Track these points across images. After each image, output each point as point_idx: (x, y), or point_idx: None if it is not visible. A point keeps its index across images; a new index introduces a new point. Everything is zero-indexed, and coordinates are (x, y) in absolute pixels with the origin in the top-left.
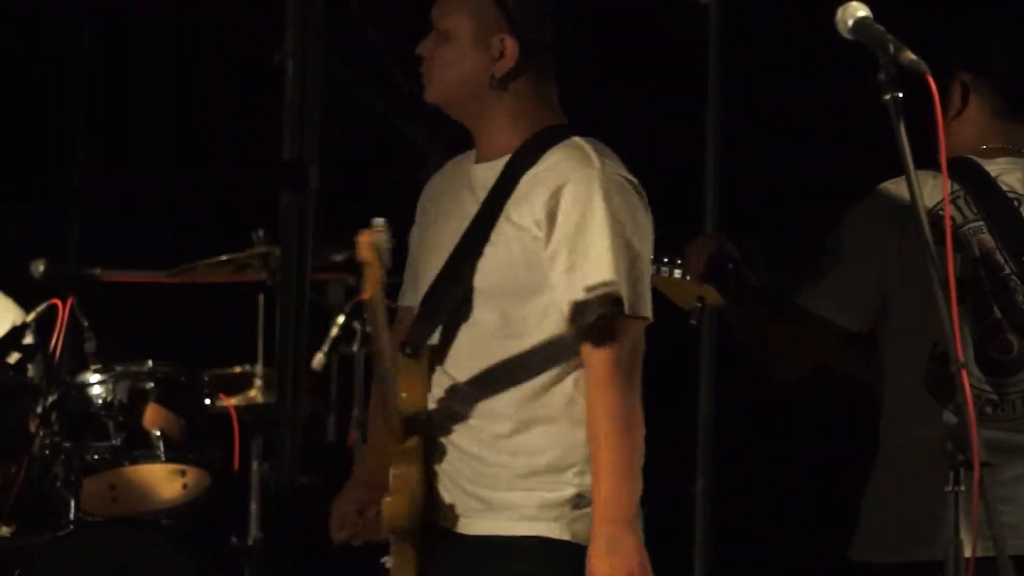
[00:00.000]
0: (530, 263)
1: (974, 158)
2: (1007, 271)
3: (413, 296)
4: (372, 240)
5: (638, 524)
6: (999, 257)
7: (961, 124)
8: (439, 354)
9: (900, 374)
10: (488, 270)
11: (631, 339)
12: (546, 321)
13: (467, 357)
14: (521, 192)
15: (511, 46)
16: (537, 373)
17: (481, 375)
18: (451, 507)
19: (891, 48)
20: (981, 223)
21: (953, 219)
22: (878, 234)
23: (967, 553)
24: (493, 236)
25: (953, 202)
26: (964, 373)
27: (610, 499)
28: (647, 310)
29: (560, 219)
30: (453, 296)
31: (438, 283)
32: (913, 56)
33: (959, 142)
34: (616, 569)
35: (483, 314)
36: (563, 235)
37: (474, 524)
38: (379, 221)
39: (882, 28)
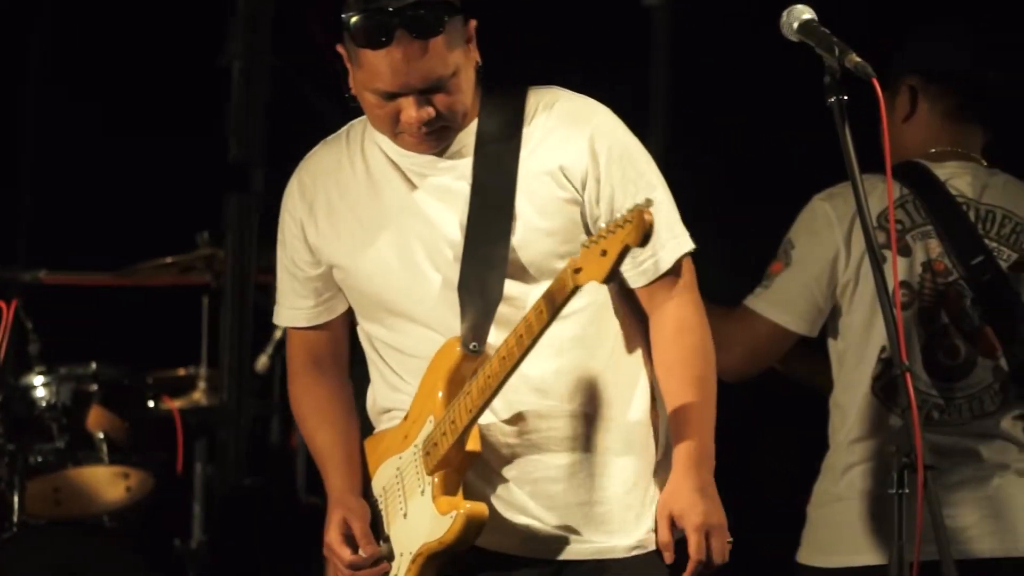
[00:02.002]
0: (574, 223)
1: (923, 162)
2: (955, 276)
3: (327, 309)
4: None
5: None
6: (947, 262)
7: (911, 127)
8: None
9: (849, 379)
10: (529, 242)
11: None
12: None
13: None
14: (534, 150)
15: (472, 27)
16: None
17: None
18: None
19: (836, 51)
20: (930, 227)
21: (902, 223)
22: (826, 239)
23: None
24: (518, 207)
25: (902, 206)
26: (908, 376)
27: (702, 443)
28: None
29: (607, 177)
30: (494, 284)
31: (469, 274)
32: (858, 59)
33: (908, 145)
34: (710, 516)
35: (530, 294)
36: (621, 193)
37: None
38: None
39: (827, 31)
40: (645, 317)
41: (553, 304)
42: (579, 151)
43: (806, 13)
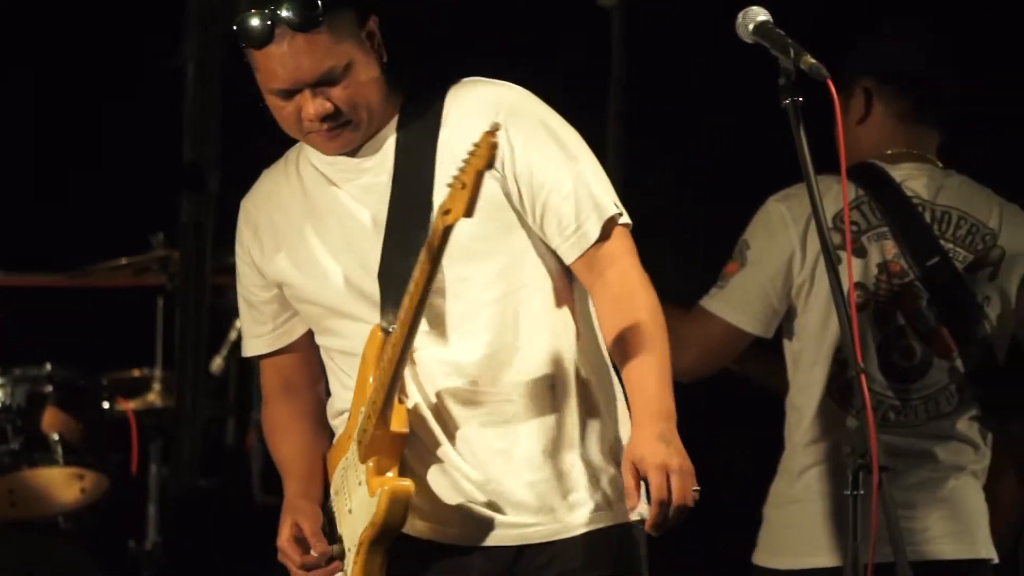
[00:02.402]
0: (495, 204)
1: (879, 163)
2: (911, 277)
3: (285, 332)
4: None
5: None
6: (903, 263)
7: (865, 129)
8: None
9: (804, 380)
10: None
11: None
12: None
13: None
14: (450, 136)
15: (372, 23)
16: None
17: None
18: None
19: (791, 52)
20: (885, 229)
21: (857, 224)
22: (782, 240)
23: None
24: (436, 202)
25: (858, 207)
26: (863, 377)
27: (662, 396)
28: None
29: (523, 154)
30: (411, 266)
31: (388, 259)
32: (813, 60)
33: (864, 147)
34: (671, 457)
35: (448, 278)
36: (540, 169)
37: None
38: None
39: (782, 32)
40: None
41: (431, 252)
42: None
43: (761, 15)
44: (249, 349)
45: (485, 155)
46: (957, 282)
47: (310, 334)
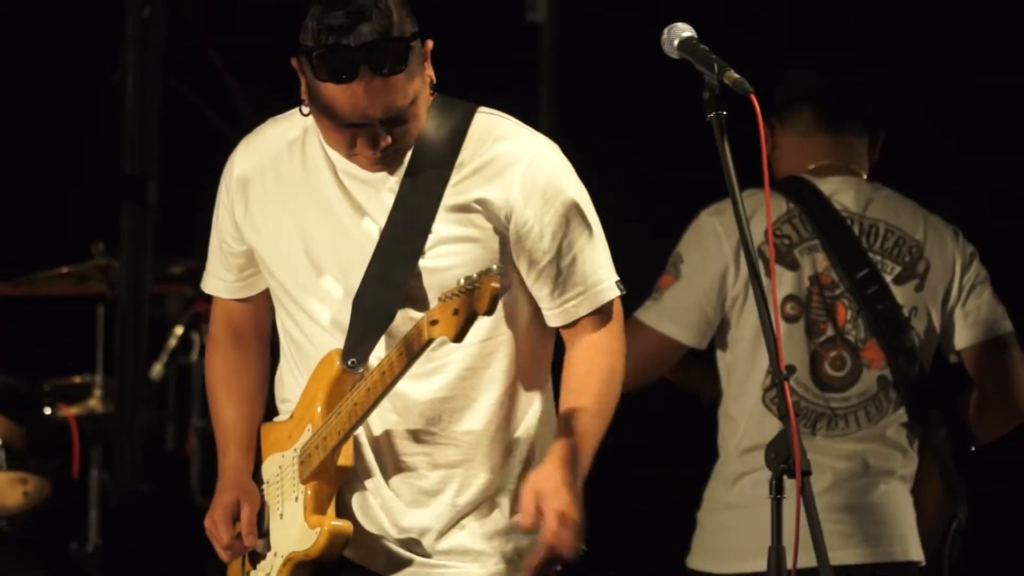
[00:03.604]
0: (489, 255)
1: (808, 177)
2: (841, 289)
3: (247, 285)
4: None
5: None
6: (834, 275)
7: (789, 143)
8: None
9: (738, 390)
10: (438, 268)
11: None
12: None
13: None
14: (464, 178)
15: (428, 47)
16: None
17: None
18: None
19: (716, 67)
20: (816, 241)
21: (789, 238)
22: (715, 254)
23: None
24: (434, 235)
25: (789, 221)
26: (786, 384)
27: (584, 455)
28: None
29: (538, 214)
30: (389, 303)
31: (367, 289)
32: (737, 75)
33: (788, 161)
34: (571, 509)
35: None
36: (544, 237)
37: None
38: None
39: (707, 48)
40: (548, 345)
41: (410, 350)
42: (508, 187)
43: (686, 31)
44: (207, 286)
45: (484, 300)
46: (885, 293)
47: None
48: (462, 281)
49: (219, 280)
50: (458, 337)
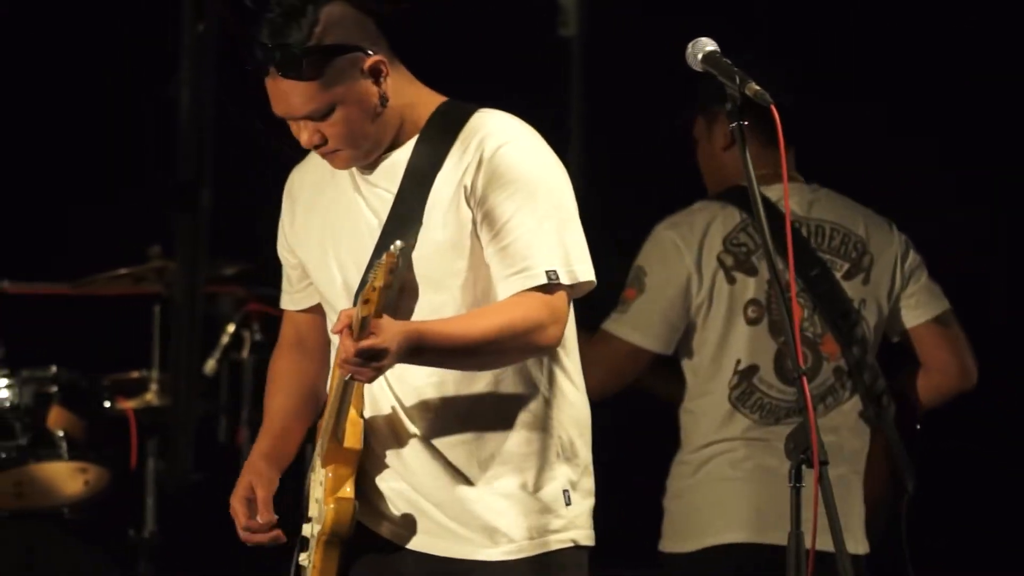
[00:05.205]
0: (473, 240)
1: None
2: (797, 289)
3: (306, 296)
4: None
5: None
6: (788, 277)
7: (731, 155)
8: None
9: (703, 388)
10: (428, 255)
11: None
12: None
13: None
14: (454, 167)
15: (373, 61)
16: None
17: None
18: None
19: (737, 80)
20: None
21: (746, 245)
22: (677, 266)
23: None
24: (425, 220)
25: (744, 230)
26: (804, 380)
27: (450, 333)
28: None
29: (494, 194)
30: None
31: (366, 280)
32: (757, 87)
33: (731, 172)
34: (391, 351)
35: (426, 306)
36: (501, 210)
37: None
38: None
39: (729, 61)
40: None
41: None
42: (477, 172)
43: (709, 45)
44: (281, 303)
45: (381, 276)
46: (836, 290)
47: None
48: (376, 266)
49: (285, 294)
50: (377, 314)
